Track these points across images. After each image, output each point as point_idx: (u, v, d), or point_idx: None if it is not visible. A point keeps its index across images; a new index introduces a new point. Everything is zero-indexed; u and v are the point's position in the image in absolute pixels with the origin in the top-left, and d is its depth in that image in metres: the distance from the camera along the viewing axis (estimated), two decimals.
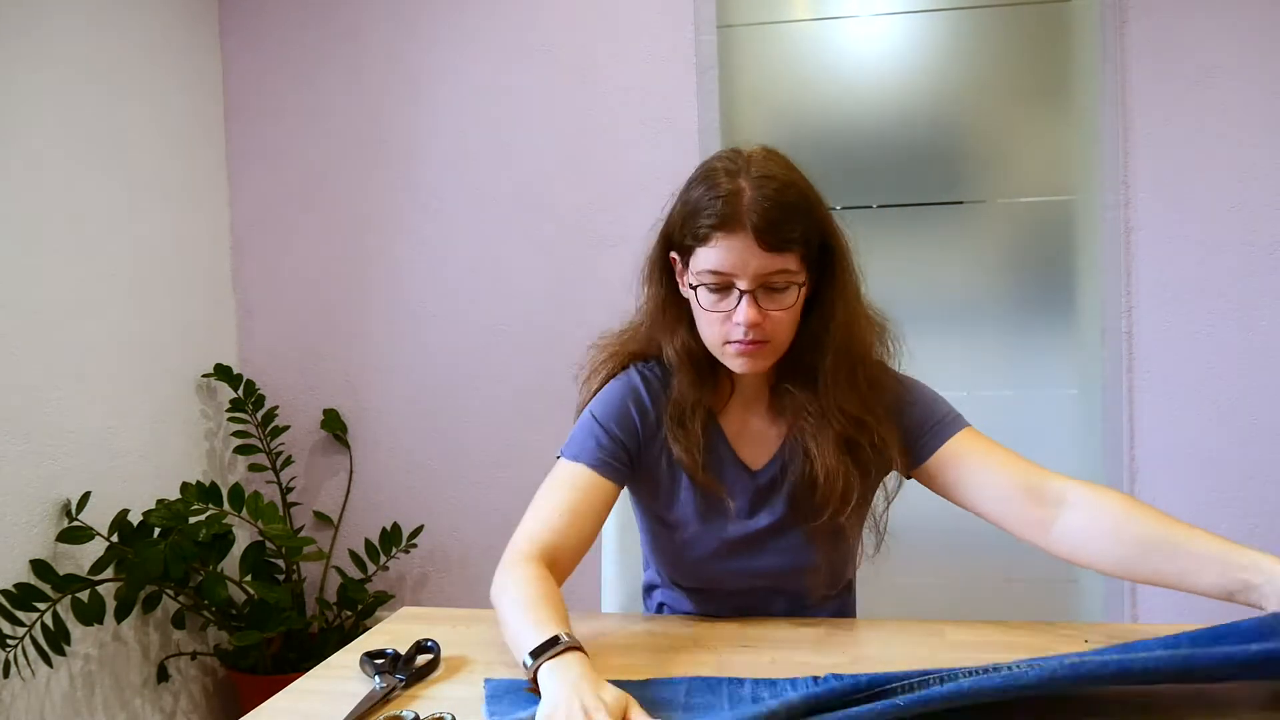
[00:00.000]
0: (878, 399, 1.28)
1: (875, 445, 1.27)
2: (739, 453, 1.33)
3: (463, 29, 2.75)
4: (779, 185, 1.21)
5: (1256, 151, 2.41)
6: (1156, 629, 1.26)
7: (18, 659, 2.09)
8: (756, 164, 1.24)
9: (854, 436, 1.26)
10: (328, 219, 2.85)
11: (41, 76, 2.26)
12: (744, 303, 1.19)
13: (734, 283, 1.19)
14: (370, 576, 2.70)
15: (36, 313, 2.23)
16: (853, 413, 1.26)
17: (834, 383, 1.26)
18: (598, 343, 1.40)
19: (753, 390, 1.33)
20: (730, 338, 1.21)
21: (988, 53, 2.59)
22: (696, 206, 1.21)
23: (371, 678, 1.14)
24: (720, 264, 1.19)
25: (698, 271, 1.21)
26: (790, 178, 1.24)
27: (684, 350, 1.29)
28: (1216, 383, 2.46)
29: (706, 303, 1.22)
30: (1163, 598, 2.51)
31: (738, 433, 1.33)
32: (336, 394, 2.87)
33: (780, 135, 2.71)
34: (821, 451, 1.25)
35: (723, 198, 1.19)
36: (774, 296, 1.20)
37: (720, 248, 1.19)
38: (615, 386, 1.34)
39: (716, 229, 1.18)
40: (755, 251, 1.18)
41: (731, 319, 1.20)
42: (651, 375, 1.34)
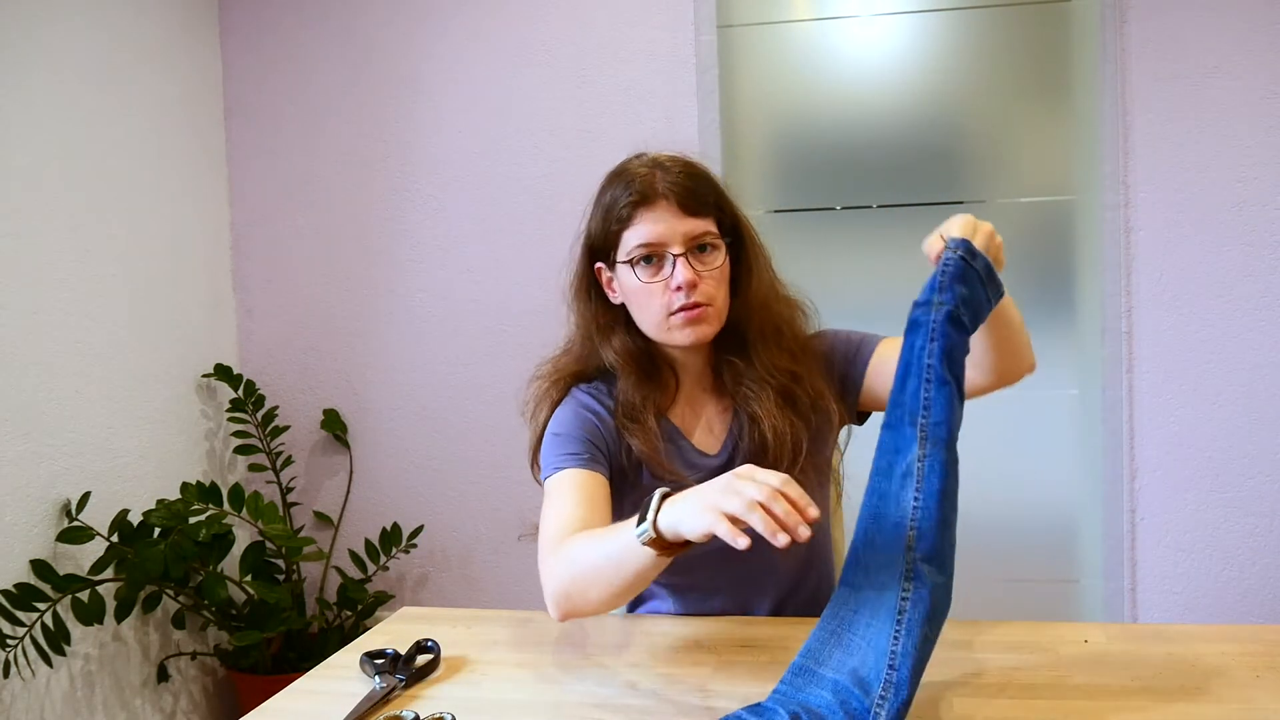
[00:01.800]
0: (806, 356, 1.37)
1: (811, 395, 1.34)
2: (694, 442, 1.37)
3: (462, 29, 2.75)
4: (685, 162, 1.33)
5: (1256, 151, 2.41)
6: (1156, 629, 1.26)
7: (18, 659, 2.09)
8: (662, 155, 1.34)
9: (790, 388, 1.33)
10: (328, 219, 2.85)
11: (41, 77, 2.26)
12: (679, 265, 1.27)
13: (666, 250, 1.27)
14: (370, 576, 2.70)
15: (36, 313, 2.23)
16: (785, 366, 1.33)
17: (763, 343, 1.34)
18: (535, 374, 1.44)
19: (695, 377, 1.39)
20: (672, 307, 1.28)
21: (988, 53, 2.59)
22: (614, 200, 1.31)
23: (371, 678, 1.14)
24: (649, 235, 1.27)
25: (629, 250, 1.29)
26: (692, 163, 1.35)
27: (625, 351, 1.35)
28: (1216, 383, 2.46)
29: (644, 276, 1.29)
30: (1163, 597, 2.51)
31: (689, 424, 1.38)
32: (336, 394, 2.87)
33: (780, 135, 2.71)
34: (765, 411, 1.32)
35: (633, 182, 1.30)
36: (703, 257, 1.29)
37: (645, 221, 1.28)
38: (564, 408, 1.37)
39: (638, 206, 1.28)
40: (679, 215, 1.27)
41: (670, 286, 1.27)
42: (595, 391, 1.38)
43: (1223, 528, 2.48)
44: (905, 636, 0.96)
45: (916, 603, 0.97)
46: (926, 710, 1.02)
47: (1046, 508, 2.63)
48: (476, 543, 2.80)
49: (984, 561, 2.65)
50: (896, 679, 0.95)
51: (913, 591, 0.97)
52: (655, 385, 1.36)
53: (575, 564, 1.11)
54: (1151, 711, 1.00)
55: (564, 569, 1.12)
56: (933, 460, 0.99)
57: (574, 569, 1.10)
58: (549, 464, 1.31)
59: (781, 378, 1.33)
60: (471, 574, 2.82)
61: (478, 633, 1.32)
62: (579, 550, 1.11)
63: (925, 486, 0.99)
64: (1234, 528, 2.47)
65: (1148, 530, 2.51)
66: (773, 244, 1.43)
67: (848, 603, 1.03)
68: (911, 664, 0.95)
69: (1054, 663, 1.14)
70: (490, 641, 1.28)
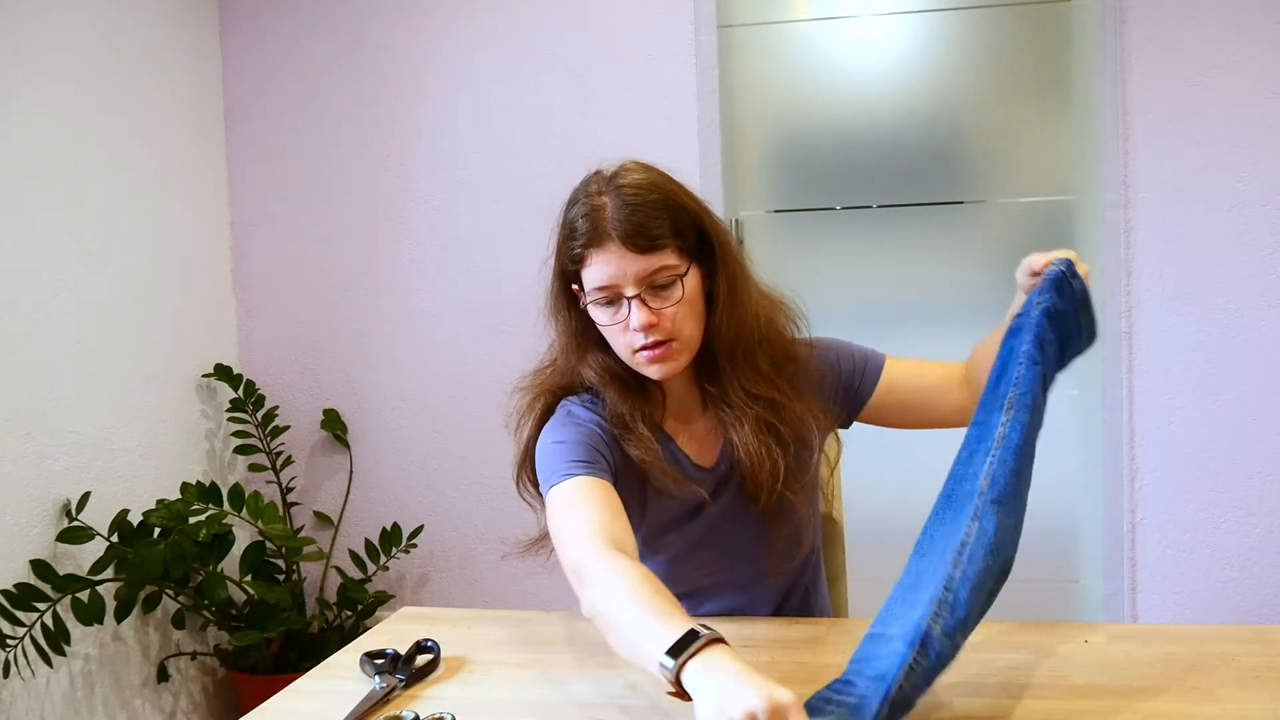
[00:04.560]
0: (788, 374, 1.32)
1: (792, 420, 1.30)
2: (690, 454, 1.35)
3: (463, 29, 2.75)
4: (636, 188, 1.25)
5: (1256, 151, 2.41)
6: (1156, 629, 1.26)
7: (18, 659, 2.09)
8: (615, 176, 1.27)
9: (767, 417, 1.29)
10: (328, 219, 2.85)
11: (41, 77, 2.26)
12: (633, 308, 1.22)
13: (621, 291, 1.23)
14: (370, 576, 2.70)
15: (36, 313, 2.23)
16: (760, 393, 1.29)
17: (733, 369, 1.29)
18: (520, 385, 1.42)
19: (682, 391, 1.34)
20: (634, 345, 1.24)
21: (988, 53, 2.59)
22: (569, 231, 1.27)
23: (371, 678, 1.15)
24: (601, 278, 1.23)
25: (588, 291, 1.25)
26: (651, 180, 1.27)
27: (604, 371, 1.31)
28: (1216, 383, 2.46)
29: (604, 319, 1.25)
30: (1162, 597, 2.51)
31: (684, 437, 1.36)
32: (336, 394, 2.87)
33: (780, 135, 2.71)
34: (742, 438, 1.29)
35: (586, 216, 1.24)
36: (660, 294, 1.23)
37: (597, 263, 1.22)
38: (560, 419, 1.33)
39: (588, 247, 1.23)
40: (628, 257, 1.21)
41: (628, 326, 1.23)
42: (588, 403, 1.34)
43: (1223, 528, 2.48)
44: (967, 564, 0.95)
45: (980, 536, 0.96)
46: (927, 710, 1.02)
47: (1046, 508, 2.63)
48: (476, 543, 2.80)
49: None
50: (953, 600, 0.94)
51: (977, 527, 0.97)
52: (641, 396, 1.33)
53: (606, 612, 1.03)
54: (1151, 711, 1.00)
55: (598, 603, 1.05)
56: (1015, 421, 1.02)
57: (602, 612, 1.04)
58: (555, 471, 1.24)
59: (758, 406, 1.28)
60: (471, 574, 2.82)
61: (478, 633, 1.32)
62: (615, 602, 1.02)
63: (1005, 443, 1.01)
64: (1234, 528, 2.47)
65: (1148, 530, 2.51)
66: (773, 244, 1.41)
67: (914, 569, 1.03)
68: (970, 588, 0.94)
69: (1054, 663, 1.14)
70: (490, 641, 1.28)
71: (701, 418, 1.36)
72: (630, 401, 1.31)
